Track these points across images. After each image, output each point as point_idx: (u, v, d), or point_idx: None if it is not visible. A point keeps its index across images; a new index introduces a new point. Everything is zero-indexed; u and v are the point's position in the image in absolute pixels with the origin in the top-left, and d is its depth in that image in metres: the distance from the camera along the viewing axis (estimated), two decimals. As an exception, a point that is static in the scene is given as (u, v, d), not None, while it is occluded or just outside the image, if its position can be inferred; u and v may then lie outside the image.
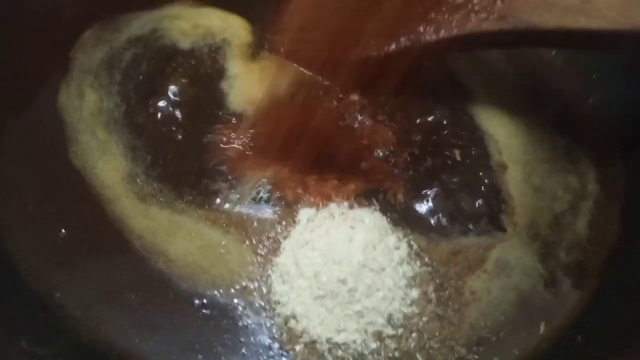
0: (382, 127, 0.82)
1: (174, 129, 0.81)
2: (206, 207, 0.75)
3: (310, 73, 0.84)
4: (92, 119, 0.80)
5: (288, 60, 0.86)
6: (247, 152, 0.78)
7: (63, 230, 0.72)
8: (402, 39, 0.76)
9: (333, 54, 0.81)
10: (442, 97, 0.85)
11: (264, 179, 0.77)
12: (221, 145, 0.79)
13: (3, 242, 0.70)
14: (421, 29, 0.75)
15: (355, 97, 0.83)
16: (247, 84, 0.85)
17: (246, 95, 0.84)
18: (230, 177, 0.77)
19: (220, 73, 0.86)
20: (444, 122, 0.83)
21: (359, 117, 0.82)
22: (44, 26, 0.85)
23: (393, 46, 0.77)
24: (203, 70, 0.86)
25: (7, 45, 0.82)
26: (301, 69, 0.85)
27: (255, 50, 0.88)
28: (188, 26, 0.90)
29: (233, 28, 0.90)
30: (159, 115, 0.82)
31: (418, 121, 0.83)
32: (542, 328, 0.72)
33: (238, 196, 0.75)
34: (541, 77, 0.92)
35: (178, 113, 0.82)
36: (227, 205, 0.75)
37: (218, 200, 0.75)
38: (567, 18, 0.66)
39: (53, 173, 0.76)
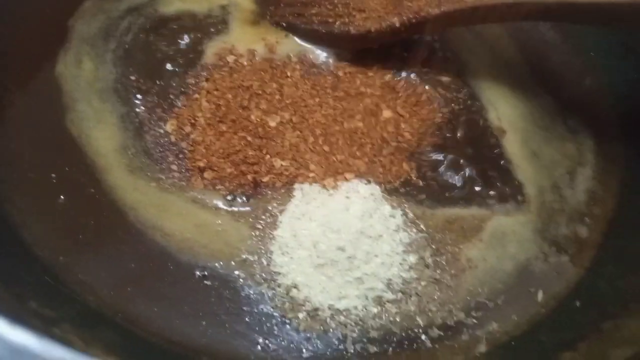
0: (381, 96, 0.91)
1: (157, 99, 0.88)
2: (190, 192, 0.82)
3: (310, 45, 0.94)
4: (88, 87, 0.88)
5: (289, 32, 0.95)
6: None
7: (62, 197, 0.79)
8: (405, 13, 0.84)
9: (335, 27, 0.90)
10: (443, 68, 0.95)
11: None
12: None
13: (6, 208, 0.78)
14: (423, 2, 0.83)
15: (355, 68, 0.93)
16: (233, 40, 0.95)
17: (224, 48, 0.93)
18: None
19: (213, 33, 0.95)
20: (445, 93, 0.92)
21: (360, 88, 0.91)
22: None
23: (395, 19, 0.85)
24: (199, 34, 0.95)
25: (8, 15, 0.91)
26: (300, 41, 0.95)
27: (256, 19, 0.98)
28: None
29: (235, -5, 0.99)
30: (148, 82, 0.90)
31: (421, 88, 0.92)
32: (540, 296, 0.80)
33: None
34: (541, 54, 1.03)
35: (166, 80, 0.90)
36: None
37: (202, 186, 0.82)
38: None
39: (51, 140, 0.84)
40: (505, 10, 0.81)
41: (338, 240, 0.75)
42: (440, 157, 0.87)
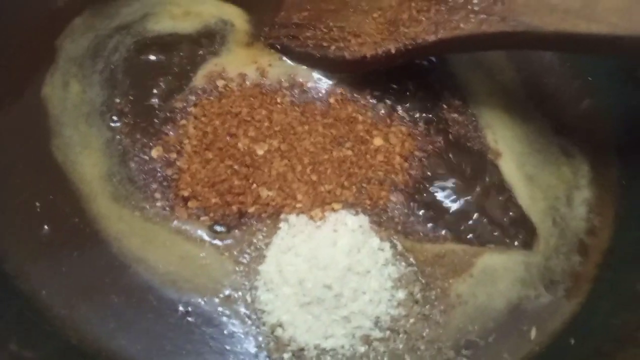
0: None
1: (143, 123, 0.87)
2: (175, 221, 0.81)
3: (304, 69, 0.94)
4: (75, 110, 0.88)
5: (283, 55, 0.95)
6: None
7: (46, 227, 0.79)
8: (401, 39, 0.84)
9: (330, 52, 0.90)
10: (441, 91, 0.95)
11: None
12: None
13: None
14: (420, 28, 0.82)
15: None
16: (224, 62, 0.94)
17: (215, 71, 0.92)
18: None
19: (204, 54, 0.94)
20: (443, 116, 0.92)
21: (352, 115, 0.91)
22: (33, 14, 0.93)
23: (391, 45, 0.85)
24: (190, 55, 0.93)
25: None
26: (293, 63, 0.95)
27: (250, 40, 0.97)
28: (179, 12, 0.98)
29: (228, 15, 0.98)
30: (133, 105, 0.89)
31: (416, 115, 0.92)
32: (533, 333, 0.80)
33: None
34: (538, 77, 1.02)
35: (153, 103, 0.89)
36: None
37: (186, 216, 0.82)
38: (567, 22, 0.73)
39: (35, 166, 0.83)
40: (503, 39, 0.80)
41: (324, 277, 0.75)
42: (433, 188, 0.87)
